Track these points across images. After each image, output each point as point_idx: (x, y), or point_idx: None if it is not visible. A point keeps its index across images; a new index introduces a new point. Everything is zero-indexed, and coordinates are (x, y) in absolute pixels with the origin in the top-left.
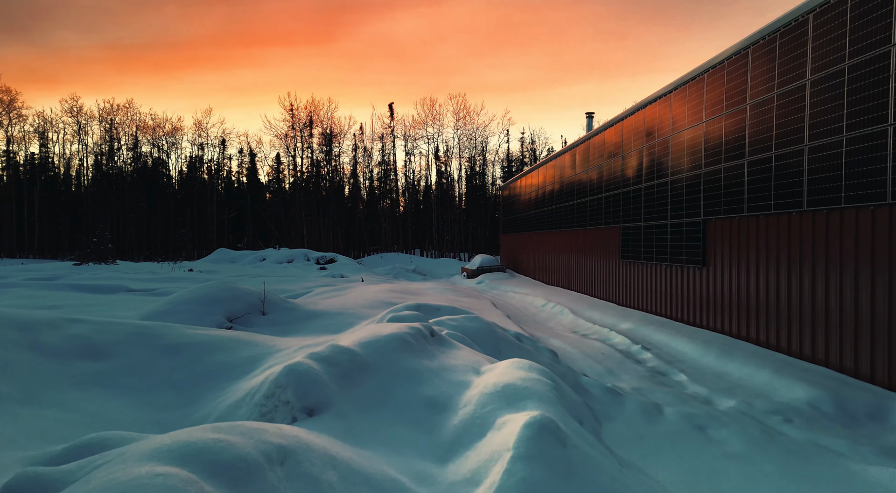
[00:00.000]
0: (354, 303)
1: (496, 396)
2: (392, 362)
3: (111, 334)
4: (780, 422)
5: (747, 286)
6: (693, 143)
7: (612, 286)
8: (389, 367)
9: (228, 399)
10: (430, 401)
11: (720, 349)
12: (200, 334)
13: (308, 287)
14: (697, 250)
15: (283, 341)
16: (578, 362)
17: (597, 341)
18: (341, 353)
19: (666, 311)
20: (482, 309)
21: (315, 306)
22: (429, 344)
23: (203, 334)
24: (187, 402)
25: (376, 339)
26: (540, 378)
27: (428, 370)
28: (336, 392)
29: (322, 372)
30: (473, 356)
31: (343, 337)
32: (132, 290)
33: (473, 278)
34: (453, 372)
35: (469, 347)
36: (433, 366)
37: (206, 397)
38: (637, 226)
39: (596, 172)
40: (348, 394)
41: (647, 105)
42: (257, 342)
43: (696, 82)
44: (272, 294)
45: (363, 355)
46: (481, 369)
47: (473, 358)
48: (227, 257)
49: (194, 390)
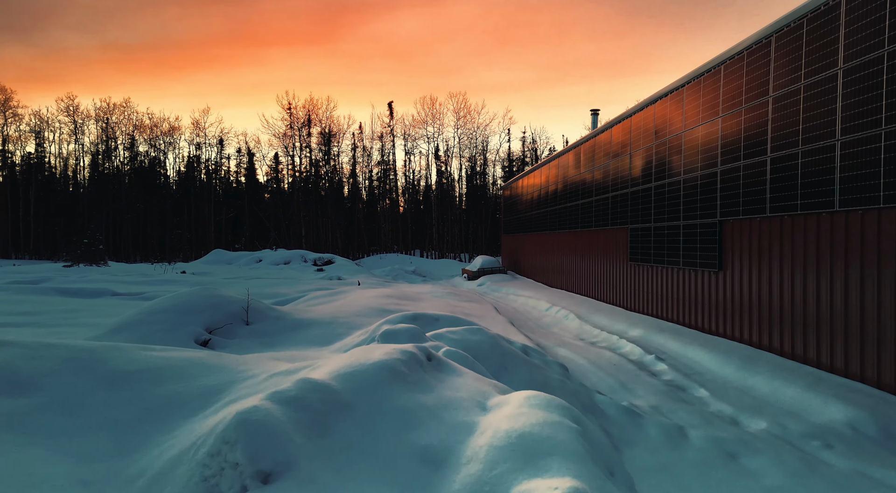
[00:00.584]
0: (348, 310)
1: (510, 449)
2: (378, 399)
3: (43, 360)
4: (820, 448)
5: (769, 292)
6: (708, 139)
7: (620, 290)
8: (375, 406)
9: (174, 448)
10: (426, 453)
11: (742, 361)
12: (156, 356)
13: (303, 291)
14: (713, 253)
15: (256, 363)
16: (589, 374)
17: (606, 349)
18: (313, 390)
19: (678, 317)
20: (484, 316)
21: (305, 314)
22: (425, 372)
23: (159, 357)
24: (126, 449)
25: (360, 368)
26: (563, 421)
27: (423, 409)
28: (303, 446)
29: (284, 420)
30: (477, 384)
31: (324, 359)
32: (118, 294)
33: (474, 279)
34: (454, 409)
35: (472, 368)
36: (429, 402)
37: (150, 443)
38: (646, 227)
39: (602, 171)
40: (319, 447)
41: (658, 100)
42: (224, 366)
43: (711, 75)
44: (257, 302)
45: (342, 391)
46: (488, 402)
47: (478, 386)
48: (223, 259)
49: (137, 432)
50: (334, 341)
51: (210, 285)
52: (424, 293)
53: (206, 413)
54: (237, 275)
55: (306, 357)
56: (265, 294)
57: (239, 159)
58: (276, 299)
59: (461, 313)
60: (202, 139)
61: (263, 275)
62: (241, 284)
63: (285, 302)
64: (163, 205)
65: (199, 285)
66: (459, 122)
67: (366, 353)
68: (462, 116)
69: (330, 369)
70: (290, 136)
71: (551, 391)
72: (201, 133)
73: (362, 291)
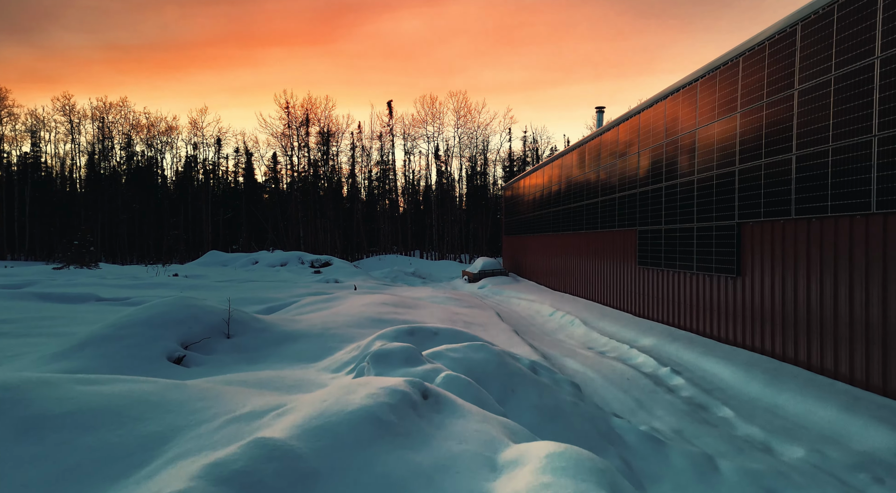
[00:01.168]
0: (341, 320)
1: None
2: (357, 463)
3: None
4: (869, 482)
5: (795, 300)
6: (725, 136)
7: (627, 295)
8: (351, 475)
9: None
10: None
11: (766, 375)
12: (96, 391)
13: (297, 295)
14: (730, 258)
15: (219, 397)
16: (602, 391)
17: (617, 360)
18: (269, 458)
19: (692, 324)
20: (486, 324)
21: (293, 325)
22: (419, 415)
23: (99, 393)
24: None
25: (336, 419)
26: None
27: (415, 474)
28: None
29: None
30: (484, 427)
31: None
32: (102, 299)
33: (475, 282)
34: (456, 473)
35: (476, 397)
36: (424, 462)
37: None
38: (656, 229)
39: (608, 170)
40: None
41: (668, 96)
42: (180, 403)
43: (728, 68)
44: (241, 312)
45: (308, 455)
46: (499, 458)
47: (484, 432)
48: (219, 260)
49: None
50: (323, 357)
51: (202, 288)
52: (423, 298)
53: (138, 476)
54: (231, 278)
55: (284, 382)
56: (257, 299)
57: (237, 159)
58: (268, 304)
59: (462, 322)
60: (200, 139)
61: (258, 278)
62: (234, 287)
63: (277, 308)
64: (159, 205)
65: (191, 288)
66: (460, 121)
67: (346, 394)
68: (462, 115)
69: (299, 419)
70: (287, 135)
71: (565, 417)
72: (199, 133)
73: (358, 296)
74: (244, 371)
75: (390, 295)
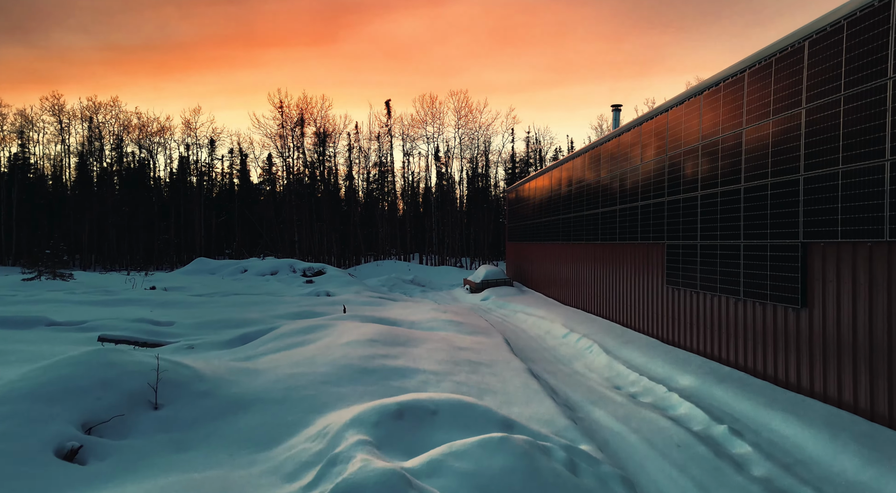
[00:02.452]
0: (314, 369)
1: None
2: None
3: None
4: None
5: (889, 344)
6: (784, 136)
7: (653, 316)
8: None
9: None
10: None
11: (861, 445)
12: None
13: (279, 317)
14: (792, 285)
15: None
16: (648, 466)
17: (656, 411)
18: None
19: (737, 359)
20: (495, 361)
21: (249, 382)
22: None
23: None
24: None
25: None
26: None
27: None
28: None
29: None
30: None
31: None
32: (55, 323)
33: (478, 292)
34: None
35: None
36: None
37: None
38: (691, 245)
39: (627, 175)
40: None
41: (706, 90)
42: None
43: (787, 56)
44: (178, 369)
45: None
46: None
47: None
48: (207, 268)
49: None
50: (281, 440)
51: (176, 305)
52: (421, 323)
53: None
54: (214, 290)
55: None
56: (232, 322)
57: (231, 160)
58: (242, 330)
59: (467, 363)
60: (192, 140)
61: (244, 289)
62: (213, 304)
63: (250, 338)
64: (150, 208)
65: (163, 306)
66: (460, 121)
67: None
68: (463, 115)
69: None
70: (281, 136)
71: None
72: (192, 133)
73: (345, 322)
74: (167, 469)
75: (382, 327)
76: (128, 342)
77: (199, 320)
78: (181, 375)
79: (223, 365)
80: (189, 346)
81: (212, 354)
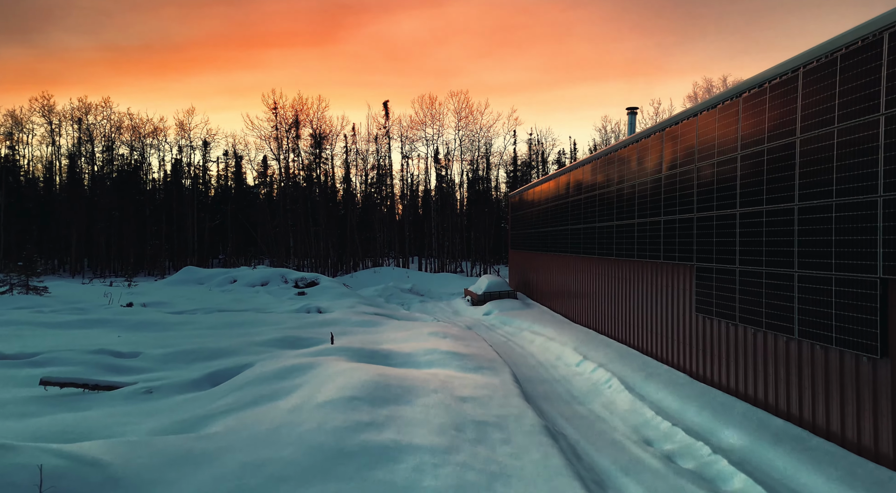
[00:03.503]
0: (281, 448)
1: None
2: None
3: None
4: None
5: None
6: (858, 145)
7: (678, 346)
8: None
9: None
10: None
11: None
12: None
13: (255, 349)
14: (869, 330)
15: None
16: None
17: (702, 485)
18: None
19: (793, 409)
20: (505, 420)
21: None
22: None
23: None
24: None
25: None
26: None
27: None
28: None
29: None
30: None
31: None
32: (2, 356)
33: (480, 305)
34: None
35: None
36: None
37: None
38: (727, 269)
39: (647, 186)
40: None
41: (749, 90)
42: None
43: (863, 50)
44: (78, 476)
45: None
46: None
47: None
48: (194, 278)
49: None
50: None
51: (151, 327)
52: (418, 361)
53: None
54: (198, 305)
55: None
56: (206, 352)
57: (226, 163)
58: (215, 363)
59: (472, 423)
60: (186, 142)
61: (230, 304)
62: (191, 326)
63: (221, 376)
64: (142, 212)
65: (135, 328)
66: (461, 123)
67: None
68: (464, 116)
69: None
70: (276, 138)
71: None
72: (186, 135)
73: (326, 371)
74: None
75: (370, 372)
76: (75, 385)
77: (170, 349)
78: (85, 482)
79: (156, 449)
80: (147, 390)
81: (172, 400)
